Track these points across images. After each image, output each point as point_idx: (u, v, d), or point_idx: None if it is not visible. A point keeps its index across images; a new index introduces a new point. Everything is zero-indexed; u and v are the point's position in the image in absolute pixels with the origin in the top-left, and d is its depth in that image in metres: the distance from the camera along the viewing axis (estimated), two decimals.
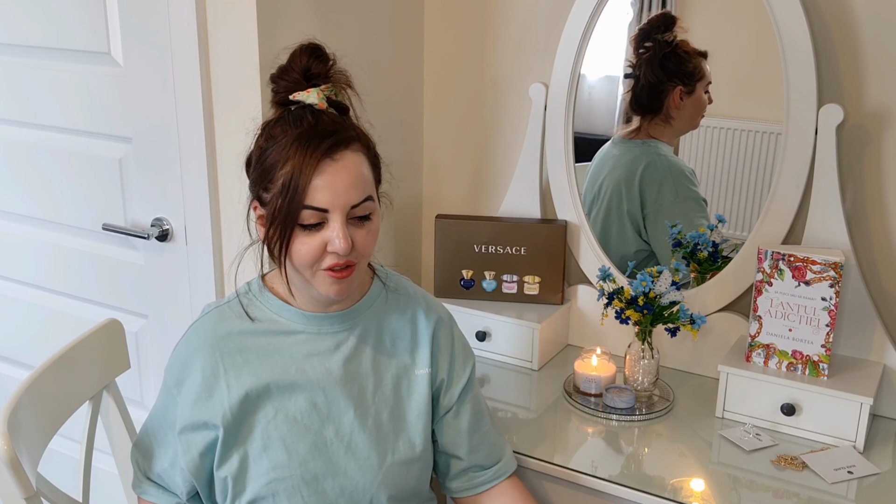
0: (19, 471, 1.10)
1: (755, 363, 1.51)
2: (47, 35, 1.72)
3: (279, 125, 1.10)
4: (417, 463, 1.22)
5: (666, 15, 1.64)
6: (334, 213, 1.07)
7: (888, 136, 1.48)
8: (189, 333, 1.22)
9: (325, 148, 1.06)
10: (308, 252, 1.08)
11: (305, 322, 1.19)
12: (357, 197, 1.08)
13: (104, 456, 1.71)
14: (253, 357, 1.17)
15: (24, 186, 1.89)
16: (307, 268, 1.10)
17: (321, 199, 1.06)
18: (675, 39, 1.63)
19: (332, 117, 1.11)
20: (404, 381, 1.23)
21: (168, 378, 1.22)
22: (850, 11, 1.45)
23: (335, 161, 1.07)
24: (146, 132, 1.66)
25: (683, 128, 1.70)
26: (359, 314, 1.22)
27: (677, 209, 1.70)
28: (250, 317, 1.19)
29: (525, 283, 1.78)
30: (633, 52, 1.68)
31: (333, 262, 1.09)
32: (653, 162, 1.72)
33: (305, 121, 1.08)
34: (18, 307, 2.03)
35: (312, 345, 1.19)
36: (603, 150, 1.79)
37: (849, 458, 1.38)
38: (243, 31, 1.48)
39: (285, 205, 1.06)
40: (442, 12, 1.87)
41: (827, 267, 1.42)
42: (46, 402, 1.27)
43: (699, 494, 1.30)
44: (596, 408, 1.54)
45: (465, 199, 1.96)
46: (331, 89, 1.13)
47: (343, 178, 1.07)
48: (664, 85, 1.67)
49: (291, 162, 1.06)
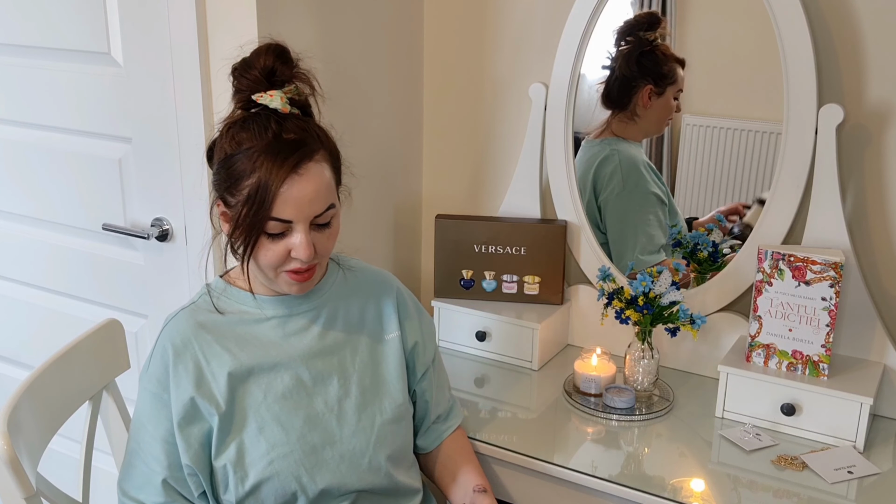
0: (19, 471, 1.10)
1: (755, 363, 1.51)
2: (47, 35, 1.72)
3: (245, 131, 1.13)
4: (404, 420, 1.29)
5: (653, 14, 1.66)
6: (298, 224, 1.13)
7: (888, 135, 1.48)
8: (163, 336, 1.23)
9: (292, 164, 1.10)
10: (273, 257, 1.14)
11: (273, 306, 1.24)
12: (320, 208, 1.14)
13: (104, 456, 1.71)
14: (232, 345, 1.21)
15: (24, 186, 1.89)
16: (271, 270, 1.16)
17: (286, 212, 1.11)
18: (656, 39, 1.65)
19: (296, 122, 1.14)
20: (378, 346, 1.30)
21: (149, 385, 1.20)
22: (850, 11, 1.45)
23: (300, 175, 1.11)
24: (146, 132, 1.66)
25: (649, 129, 1.72)
26: (321, 292, 1.28)
27: (624, 201, 1.73)
28: (220, 311, 1.24)
29: (525, 283, 1.78)
30: (615, 44, 1.69)
31: (296, 266, 1.15)
32: (608, 156, 1.74)
33: (270, 130, 1.11)
34: (18, 307, 2.03)
35: (286, 327, 1.24)
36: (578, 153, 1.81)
37: (849, 458, 1.38)
38: (243, 31, 1.48)
39: (251, 214, 1.11)
40: (442, 12, 1.87)
41: (827, 267, 1.42)
42: (46, 402, 1.27)
43: (699, 494, 1.30)
44: (596, 408, 1.54)
45: (465, 199, 1.96)
46: (293, 90, 1.16)
47: (308, 192, 1.11)
48: (636, 81, 1.69)
49: (258, 175, 1.10)
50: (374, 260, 1.90)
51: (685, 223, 1.73)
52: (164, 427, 1.19)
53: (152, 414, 1.20)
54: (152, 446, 1.19)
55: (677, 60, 1.66)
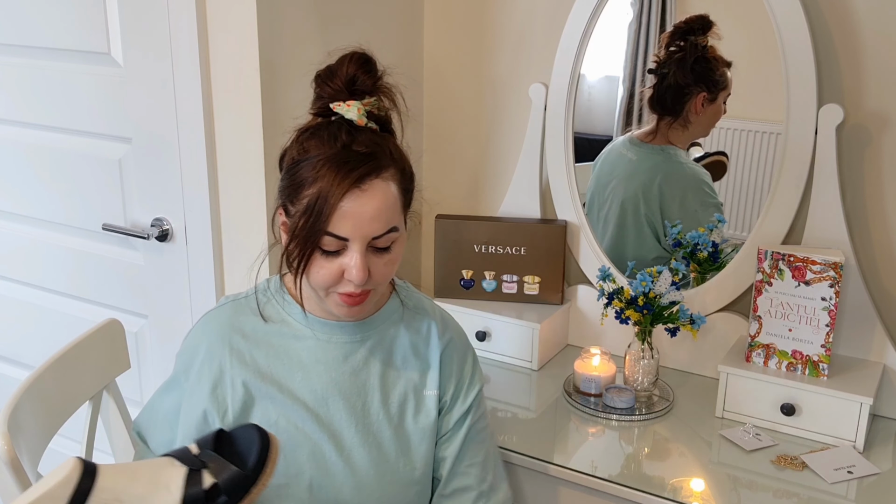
0: (19, 471, 1.10)
1: (755, 363, 1.51)
2: (47, 35, 1.72)
3: (314, 138, 1.07)
4: (416, 486, 1.19)
5: (704, 17, 1.60)
6: (354, 243, 1.05)
7: (888, 135, 1.48)
8: (203, 321, 1.20)
9: (355, 178, 1.03)
10: (325, 276, 1.07)
11: (317, 328, 1.17)
12: (380, 229, 1.06)
13: (104, 456, 1.71)
14: (261, 357, 1.16)
15: (24, 186, 1.89)
16: (322, 289, 1.10)
17: (343, 229, 1.04)
18: (707, 44, 1.61)
19: (370, 136, 1.07)
20: (411, 400, 1.19)
21: (178, 364, 1.20)
22: (850, 11, 1.45)
23: (363, 191, 1.04)
24: (146, 132, 1.66)
25: (697, 134, 1.69)
26: (372, 327, 1.19)
27: (702, 217, 1.69)
28: (264, 316, 1.18)
29: (525, 283, 1.78)
30: (664, 48, 1.65)
31: (349, 290, 1.08)
32: (674, 171, 1.71)
33: (340, 140, 1.05)
34: (18, 307, 2.03)
35: (321, 352, 1.17)
36: (613, 149, 1.77)
37: (849, 458, 1.38)
38: (243, 31, 1.48)
39: (307, 227, 1.04)
40: (442, 12, 1.87)
41: (827, 267, 1.42)
42: (46, 402, 1.27)
43: (699, 494, 1.30)
44: (596, 408, 1.54)
45: (465, 199, 1.96)
46: (374, 103, 1.10)
47: (368, 209, 1.04)
48: (690, 88, 1.64)
49: (319, 185, 1.03)
50: None
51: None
52: (173, 403, 1.19)
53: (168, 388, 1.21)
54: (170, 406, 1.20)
55: (726, 64, 1.62)
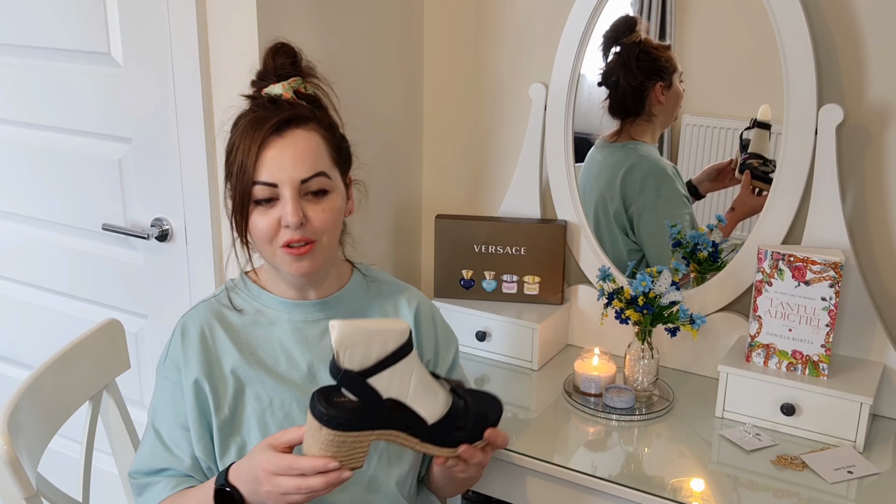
0: (19, 471, 1.10)
1: (755, 363, 1.51)
2: (47, 35, 1.72)
3: (242, 116, 1.15)
4: None
5: (627, 17, 1.68)
6: (284, 188, 1.10)
7: (889, 135, 1.48)
8: (177, 328, 1.23)
9: (273, 124, 1.10)
10: (264, 228, 1.12)
11: (288, 309, 1.22)
12: (306, 171, 1.11)
13: (104, 456, 1.71)
14: (243, 346, 1.20)
15: (25, 186, 1.89)
16: (266, 244, 1.13)
17: (268, 174, 1.10)
18: (640, 39, 1.66)
19: (294, 105, 1.14)
20: None
21: (168, 374, 1.20)
22: (850, 11, 1.45)
23: (283, 137, 1.11)
24: (146, 132, 1.66)
25: (665, 122, 1.73)
26: (340, 302, 1.24)
27: (661, 208, 1.72)
28: (237, 308, 1.22)
29: (525, 283, 1.78)
30: (603, 59, 1.70)
31: (289, 237, 1.11)
32: (635, 164, 1.74)
33: (263, 107, 1.13)
34: (18, 307, 2.03)
35: (298, 333, 1.21)
36: (588, 154, 1.80)
37: (849, 458, 1.38)
38: (243, 31, 1.48)
39: (239, 184, 1.11)
40: (442, 12, 1.87)
41: (827, 267, 1.42)
42: (46, 402, 1.27)
43: (699, 494, 1.30)
44: (596, 408, 1.54)
45: (465, 199, 1.96)
46: (298, 81, 1.16)
47: (290, 152, 1.10)
48: (644, 84, 1.69)
49: (242, 144, 1.11)
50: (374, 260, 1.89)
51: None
52: (183, 414, 1.17)
53: (173, 401, 1.18)
54: (173, 433, 1.18)
55: (665, 47, 1.67)
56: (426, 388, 1.03)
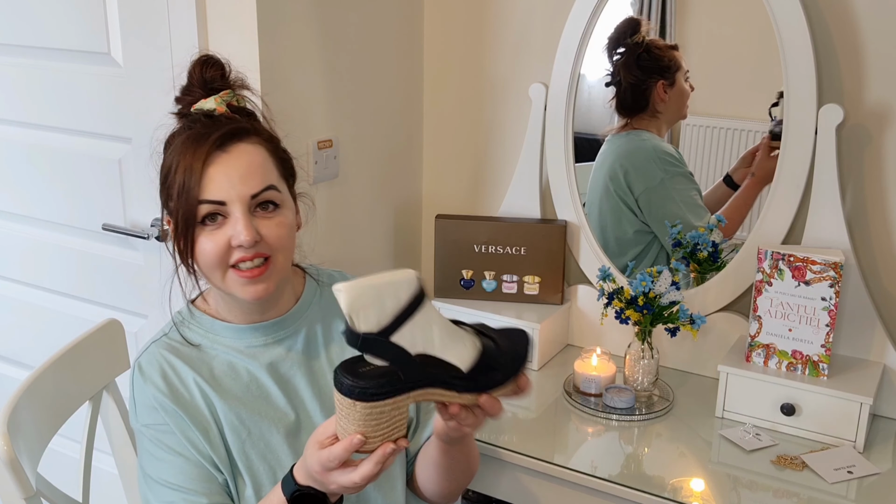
0: (19, 471, 1.10)
1: (755, 363, 1.51)
2: (47, 35, 1.72)
3: (177, 137, 1.09)
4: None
5: (631, 19, 1.69)
6: (233, 206, 1.04)
7: (888, 135, 1.48)
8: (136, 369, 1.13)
9: (215, 139, 1.04)
10: (213, 250, 1.04)
11: (244, 336, 1.14)
12: (256, 186, 1.05)
13: (104, 456, 1.71)
14: (209, 378, 1.12)
15: (25, 186, 1.89)
16: (216, 268, 1.06)
17: (215, 192, 1.03)
18: (644, 40, 1.68)
19: (231, 119, 1.09)
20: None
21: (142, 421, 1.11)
22: (850, 11, 1.45)
23: (227, 152, 1.05)
24: (146, 132, 1.65)
25: (672, 119, 1.74)
26: (299, 316, 1.18)
27: (669, 185, 1.74)
28: (192, 343, 1.14)
29: (525, 283, 1.78)
30: (608, 59, 1.73)
31: (241, 255, 1.04)
32: (636, 147, 1.77)
33: (199, 123, 1.07)
34: (18, 307, 2.03)
35: (263, 356, 1.14)
36: (599, 151, 1.82)
37: (849, 458, 1.38)
38: (243, 31, 1.48)
39: (181, 206, 1.04)
40: (442, 12, 1.87)
41: (827, 267, 1.42)
42: (46, 402, 1.27)
43: (699, 494, 1.30)
44: (596, 408, 1.54)
45: (465, 199, 1.96)
46: (230, 95, 1.11)
47: (237, 167, 1.04)
48: (646, 83, 1.71)
49: (183, 163, 1.04)
50: (374, 260, 1.90)
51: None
52: (186, 449, 1.09)
53: (171, 446, 1.09)
54: (180, 475, 1.08)
55: (671, 47, 1.69)
56: (451, 335, 0.95)
